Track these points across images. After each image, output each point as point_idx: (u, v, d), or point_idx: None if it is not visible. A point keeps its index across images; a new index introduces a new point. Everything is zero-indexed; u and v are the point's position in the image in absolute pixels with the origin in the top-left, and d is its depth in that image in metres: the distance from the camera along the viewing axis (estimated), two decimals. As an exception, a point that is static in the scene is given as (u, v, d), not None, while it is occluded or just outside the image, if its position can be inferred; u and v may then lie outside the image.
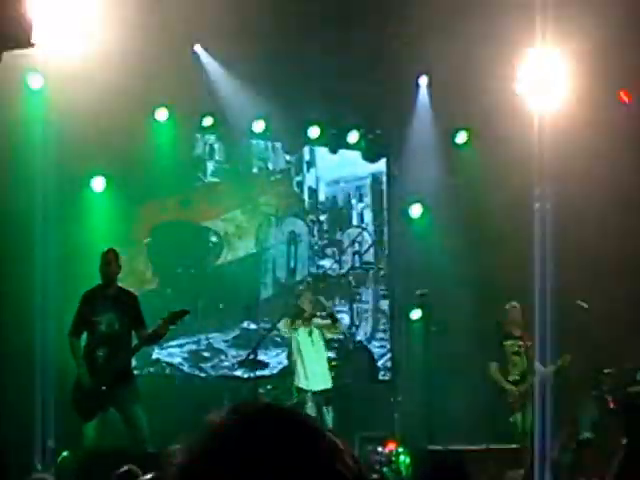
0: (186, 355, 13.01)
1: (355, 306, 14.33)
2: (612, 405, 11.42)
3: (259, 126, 13.31)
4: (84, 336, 9.84)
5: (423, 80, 13.98)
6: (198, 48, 12.92)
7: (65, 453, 9.67)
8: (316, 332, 11.74)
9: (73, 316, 9.80)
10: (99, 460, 8.19)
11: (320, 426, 1.28)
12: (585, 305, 11.86)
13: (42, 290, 11.00)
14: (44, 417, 10.35)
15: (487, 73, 12.67)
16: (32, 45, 8.42)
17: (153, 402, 11.64)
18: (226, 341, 13.28)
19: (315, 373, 11.51)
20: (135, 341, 9.75)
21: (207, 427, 1.25)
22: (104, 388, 9.40)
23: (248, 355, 11.41)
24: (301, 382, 11.46)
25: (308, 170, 14.29)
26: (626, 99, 13.72)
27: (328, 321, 11.91)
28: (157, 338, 9.78)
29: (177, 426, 11.21)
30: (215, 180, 13.68)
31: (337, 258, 14.31)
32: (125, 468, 5.96)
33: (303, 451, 1.22)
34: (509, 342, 11.93)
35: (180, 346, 12.91)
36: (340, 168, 14.41)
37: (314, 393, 11.39)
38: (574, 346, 11.91)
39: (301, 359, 11.49)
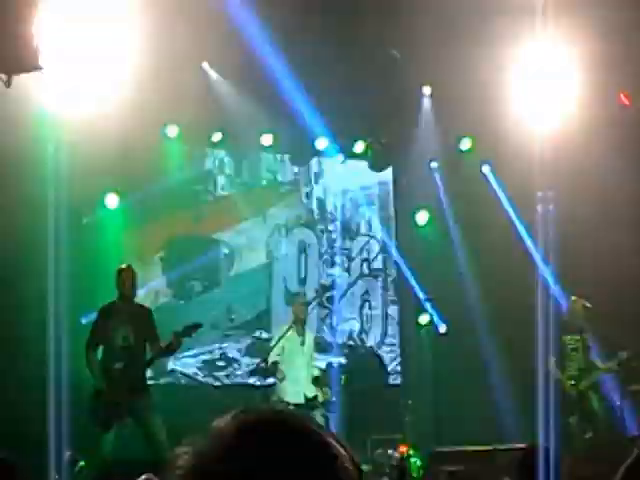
0: (201, 365, 13.24)
1: (365, 312, 14.51)
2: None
3: (267, 140, 13.50)
4: (100, 349, 9.99)
5: (426, 89, 14.17)
6: (206, 66, 13.14)
7: (82, 463, 9.85)
8: (308, 340, 11.79)
9: (89, 330, 9.98)
10: (116, 469, 8.37)
11: (322, 431, 1.26)
12: (588, 304, 11.90)
13: (55, 305, 11.21)
14: (59, 428, 10.55)
15: (489, 81, 12.84)
16: (40, 68, 8.55)
17: (169, 412, 11.85)
18: (239, 350, 13.50)
19: (299, 381, 11.44)
20: (149, 354, 9.93)
21: (210, 432, 1.27)
22: (119, 401, 9.52)
23: (259, 363, 11.60)
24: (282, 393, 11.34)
25: (316, 181, 14.51)
26: (627, 102, 13.85)
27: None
28: (171, 351, 9.93)
29: (189, 435, 11.48)
30: (225, 193, 13.88)
31: (346, 266, 14.52)
32: (144, 477, 6.09)
33: (302, 457, 1.21)
34: (567, 337, 11.64)
35: (195, 356, 13.11)
36: (348, 178, 14.58)
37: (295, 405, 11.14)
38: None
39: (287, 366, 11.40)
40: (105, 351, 9.75)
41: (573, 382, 11.48)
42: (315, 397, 11.47)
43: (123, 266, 10.32)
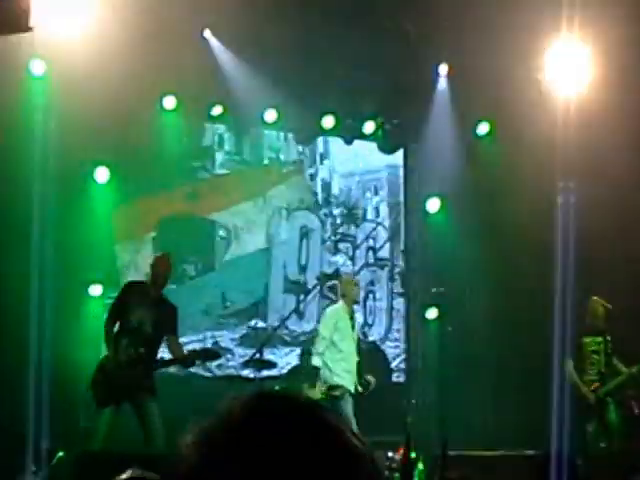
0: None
1: (369, 304, 14.10)
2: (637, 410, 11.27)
3: (271, 116, 13.04)
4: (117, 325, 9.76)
5: (443, 69, 13.70)
6: (208, 34, 12.63)
7: (61, 454, 9.43)
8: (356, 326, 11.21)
9: (112, 303, 9.88)
10: (96, 462, 7.96)
11: (342, 424, 1.21)
12: (609, 306, 11.45)
13: (39, 284, 10.77)
14: (38, 416, 10.12)
15: (509, 62, 12.41)
16: (30, 29, 8.33)
17: (157, 402, 11.43)
18: (233, 340, 13.13)
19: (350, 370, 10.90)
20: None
21: (222, 417, 1.22)
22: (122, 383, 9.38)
23: (254, 355, 11.18)
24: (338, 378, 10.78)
25: (321, 162, 14.13)
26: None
27: None
28: (183, 364, 10.15)
29: (179, 427, 10.89)
30: (224, 172, 13.51)
31: (350, 254, 14.14)
32: (129, 473, 5.50)
33: (316, 451, 1.16)
34: (588, 339, 11.21)
35: (185, 344, 12.61)
36: (355, 160, 14.24)
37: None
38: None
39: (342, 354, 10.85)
40: (119, 327, 9.56)
41: (592, 388, 11.06)
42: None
43: (163, 253, 10.46)
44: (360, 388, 10.88)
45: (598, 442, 10.88)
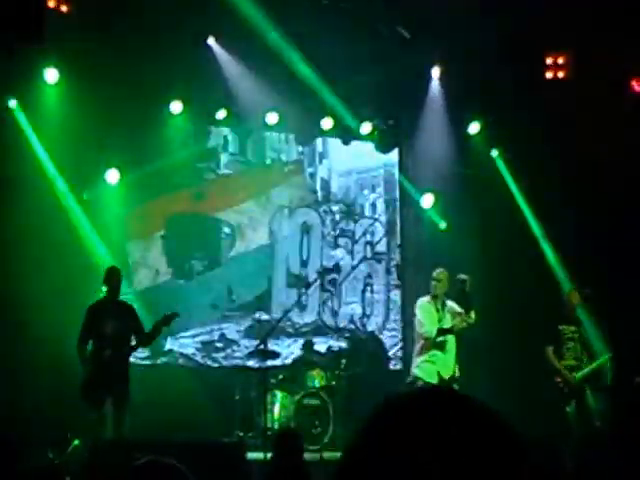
0: (199, 345, 13.15)
1: (367, 296, 14.35)
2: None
3: (272, 118, 13.30)
4: (90, 343, 10.04)
5: (435, 71, 13.91)
6: (211, 41, 12.93)
7: (76, 442, 9.72)
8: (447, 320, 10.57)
9: (81, 327, 9.96)
10: (110, 449, 8.22)
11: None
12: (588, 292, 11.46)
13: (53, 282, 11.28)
14: (57, 408, 10.59)
15: (501, 63, 12.66)
16: (44, 40, 8.54)
17: (165, 392, 11.87)
18: (239, 331, 13.38)
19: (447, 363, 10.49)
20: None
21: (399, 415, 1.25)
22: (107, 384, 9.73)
23: (257, 346, 11.40)
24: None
25: (321, 161, 14.35)
26: (638, 89, 13.59)
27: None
28: (151, 339, 10.11)
29: (188, 416, 11.45)
30: (228, 172, 13.77)
31: (349, 249, 14.34)
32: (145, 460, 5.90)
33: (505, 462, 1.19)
34: (564, 326, 11.21)
35: (193, 336, 13.05)
36: (353, 159, 14.45)
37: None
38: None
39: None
40: (95, 341, 9.91)
41: (571, 372, 11.10)
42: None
43: (112, 266, 10.57)
44: None
45: (578, 424, 10.86)
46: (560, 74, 13.45)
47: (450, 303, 10.58)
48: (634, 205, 12.65)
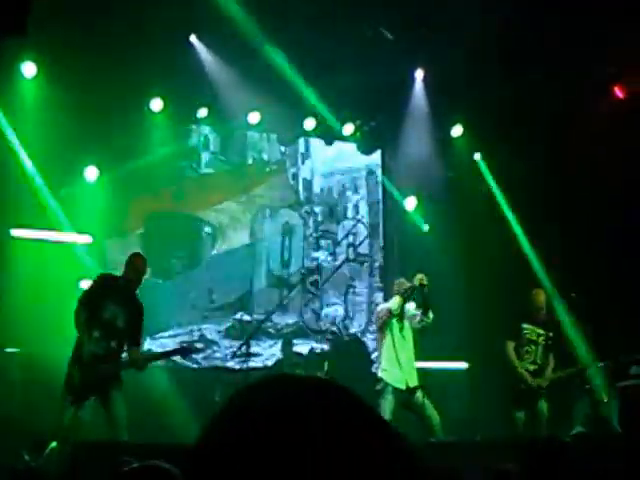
0: (178, 346, 12.91)
1: (349, 298, 14.27)
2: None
3: (254, 117, 13.25)
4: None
5: (419, 73, 13.88)
6: (193, 39, 12.81)
7: (54, 444, 9.17)
8: (407, 326, 10.40)
9: (85, 290, 9.41)
10: (89, 452, 7.97)
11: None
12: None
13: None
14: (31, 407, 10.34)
15: (484, 67, 12.60)
16: (26, 33, 8.40)
17: (143, 393, 11.64)
18: (219, 332, 13.24)
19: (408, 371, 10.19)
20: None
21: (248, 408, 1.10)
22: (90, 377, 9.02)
23: (240, 346, 11.19)
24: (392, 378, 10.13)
25: (303, 162, 14.31)
26: (621, 95, 13.59)
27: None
28: (148, 362, 9.48)
29: (167, 417, 11.25)
30: (209, 171, 13.67)
31: (331, 250, 14.26)
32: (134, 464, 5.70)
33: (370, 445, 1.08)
34: (527, 326, 10.69)
35: (173, 337, 12.89)
36: (335, 160, 14.42)
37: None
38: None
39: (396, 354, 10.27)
40: (91, 317, 9.05)
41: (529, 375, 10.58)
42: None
43: (139, 253, 9.83)
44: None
45: (526, 429, 10.34)
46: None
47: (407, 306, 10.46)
48: (619, 206, 12.63)
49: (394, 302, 10.25)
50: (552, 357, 10.74)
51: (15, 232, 11.55)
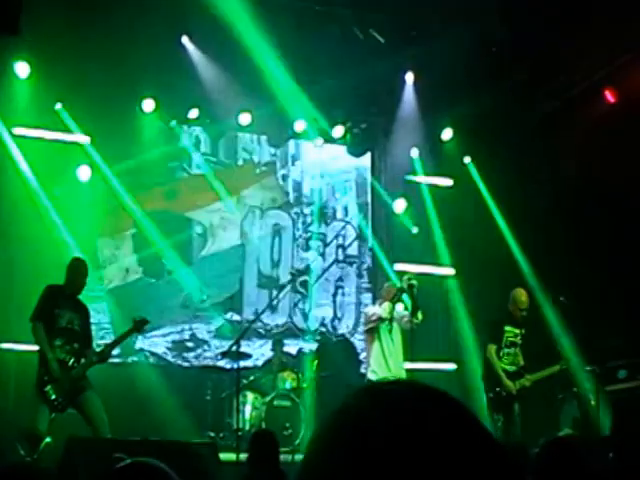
0: (170, 345, 13.04)
1: (338, 299, 14.33)
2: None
3: (245, 119, 13.26)
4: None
5: (409, 76, 13.91)
6: (185, 40, 12.84)
7: (48, 439, 9.30)
8: (395, 328, 10.55)
9: (37, 304, 9.22)
10: (84, 448, 8.05)
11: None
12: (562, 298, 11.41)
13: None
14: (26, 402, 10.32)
15: (476, 70, 12.72)
16: (18, 32, 8.34)
17: (135, 391, 11.72)
18: (210, 332, 13.29)
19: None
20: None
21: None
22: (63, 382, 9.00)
23: (231, 346, 11.13)
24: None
25: (293, 163, 14.35)
26: (612, 99, 13.65)
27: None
28: (113, 347, 9.38)
29: (158, 415, 11.30)
30: (200, 172, 13.69)
31: (321, 251, 14.32)
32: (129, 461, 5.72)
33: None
34: (509, 328, 10.46)
35: (164, 336, 12.95)
36: (325, 162, 14.45)
37: None
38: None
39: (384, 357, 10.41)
40: (48, 329, 9.06)
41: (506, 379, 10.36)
42: None
43: (79, 257, 9.85)
44: None
45: (503, 435, 10.00)
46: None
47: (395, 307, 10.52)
48: (609, 209, 12.71)
49: (384, 310, 10.36)
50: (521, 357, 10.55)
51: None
